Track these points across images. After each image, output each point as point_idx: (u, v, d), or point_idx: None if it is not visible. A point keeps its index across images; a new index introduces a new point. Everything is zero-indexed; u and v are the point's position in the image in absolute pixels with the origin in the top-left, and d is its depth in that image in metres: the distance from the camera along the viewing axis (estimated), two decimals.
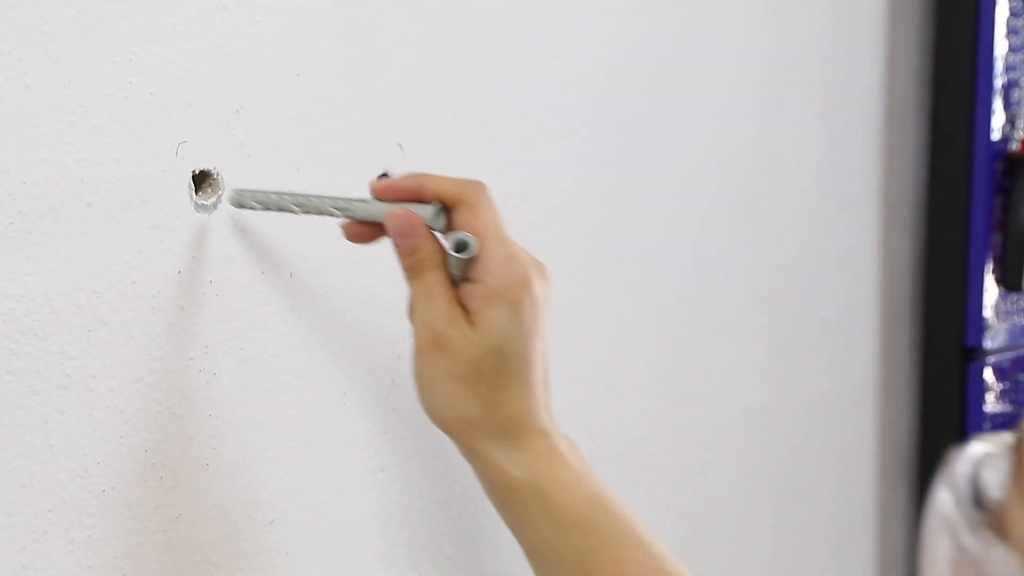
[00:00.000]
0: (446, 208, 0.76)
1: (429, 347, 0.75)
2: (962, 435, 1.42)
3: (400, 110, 0.90)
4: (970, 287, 1.40)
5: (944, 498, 0.44)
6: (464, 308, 0.75)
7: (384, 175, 0.89)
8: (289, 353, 0.84)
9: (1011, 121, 1.42)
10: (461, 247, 0.75)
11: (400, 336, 0.91)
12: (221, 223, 0.79)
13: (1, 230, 0.69)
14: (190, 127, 0.77)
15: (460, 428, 0.76)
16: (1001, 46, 1.40)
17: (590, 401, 1.09)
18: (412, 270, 0.76)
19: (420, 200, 0.76)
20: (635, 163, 1.13)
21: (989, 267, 1.42)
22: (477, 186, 0.76)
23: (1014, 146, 1.43)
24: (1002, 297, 1.42)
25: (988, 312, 1.41)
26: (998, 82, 1.39)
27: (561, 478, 0.76)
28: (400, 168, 0.90)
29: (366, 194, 0.78)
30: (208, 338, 0.79)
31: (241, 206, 0.79)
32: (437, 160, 0.92)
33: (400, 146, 0.90)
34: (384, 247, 0.87)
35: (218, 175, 0.78)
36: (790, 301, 1.35)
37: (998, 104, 1.40)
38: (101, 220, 0.73)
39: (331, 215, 0.78)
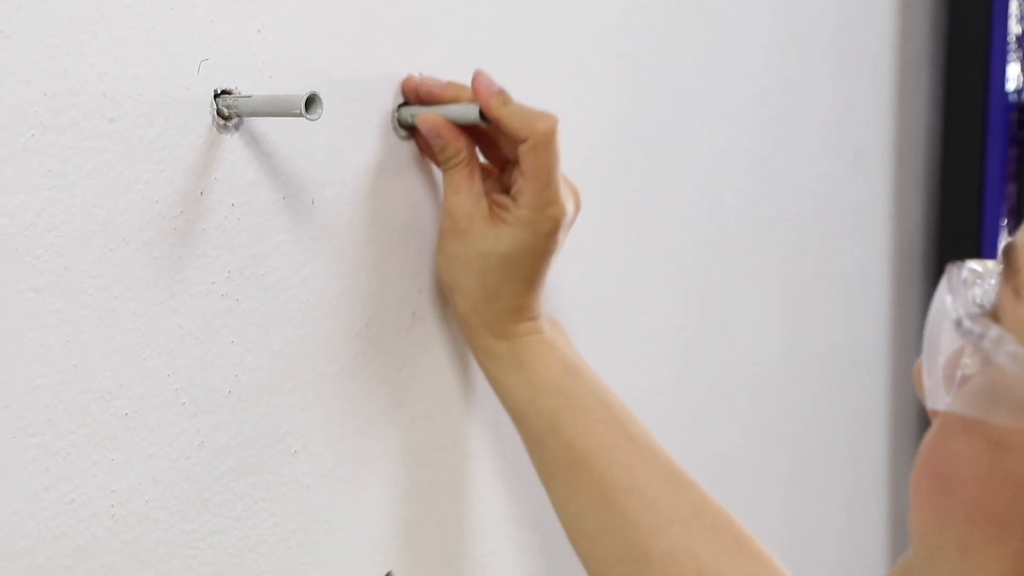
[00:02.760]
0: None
1: (448, 232, 0.85)
2: None
3: (421, 37, 0.89)
4: (984, 240, 1.39)
5: (946, 297, 0.49)
6: (494, 205, 0.85)
7: (404, 103, 0.87)
8: (309, 282, 0.82)
9: None
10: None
11: (420, 269, 0.90)
12: (242, 145, 0.78)
13: (23, 142, 0.67)
14: (212, 45, 0.75)
15: (462, 305, 0.87)
16: None
17: (607, 351, 1.08)
18: (442, 164, 0.86)
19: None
20: (650, 113, 1.12)
21: (1003, 219, 1.41)
22: (549, 129, 0.83)
23: None
24: None
25: None
26: (1013, 32, 1.38)
27: (536, 349, 0.86)
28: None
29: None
30: (230, 263, 0.77)
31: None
32: None
33: (420, 75, 0.88)
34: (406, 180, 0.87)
35: (240, 95, 0.77)
36: (804, 254, 1.33)
37: (1013, 54, 1.39)
38: (123, 136, 0.71)
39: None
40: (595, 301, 1.07)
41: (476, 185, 0.84)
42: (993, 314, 0.49)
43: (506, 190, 0.86)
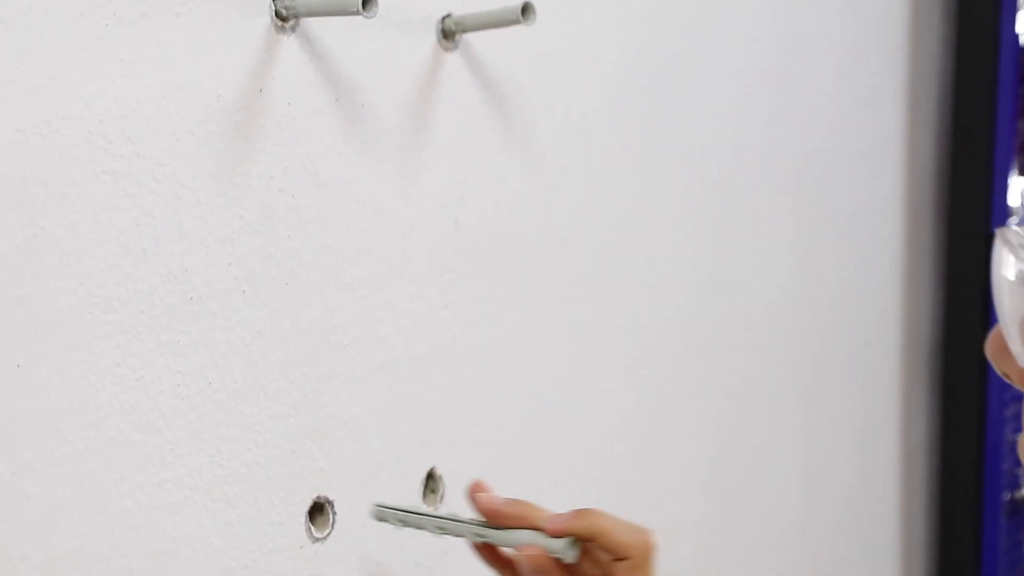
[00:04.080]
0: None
1: None
2: (985, 322, 1.44)
3: None
4: (995, 175, 1.42)
5: (1008, 258, 0.50)
6: None
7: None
8: (359, 183, 0.85)
9: None
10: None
11: (464, 178, 0.93)
12: (299, 46, 0.81)
13: (97, 31, 0.70)
14: None
15: None
16: None
17: (628, 280, 1.11)
18: None
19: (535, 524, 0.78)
20: (668, 51, 1.14)
21: (1014, 156, 1.44)
22: (647, 546, 0.77)
23: None
24: None
25: (1012, 200, 1.43)
26: None
27: None
28: (460, 8, 0.91)
29: None
30: (286, 159, 0.80)
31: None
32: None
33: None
34: (449, 89, 0.89)
35: None
36: (819, 191, 1.36)
37: None
38: (189, 33, 0.74)
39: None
40: (616, 230, 1.09)
41: None
42: None
43: None
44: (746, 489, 1.29)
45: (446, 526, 0.79)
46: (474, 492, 0.80)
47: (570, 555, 0.76)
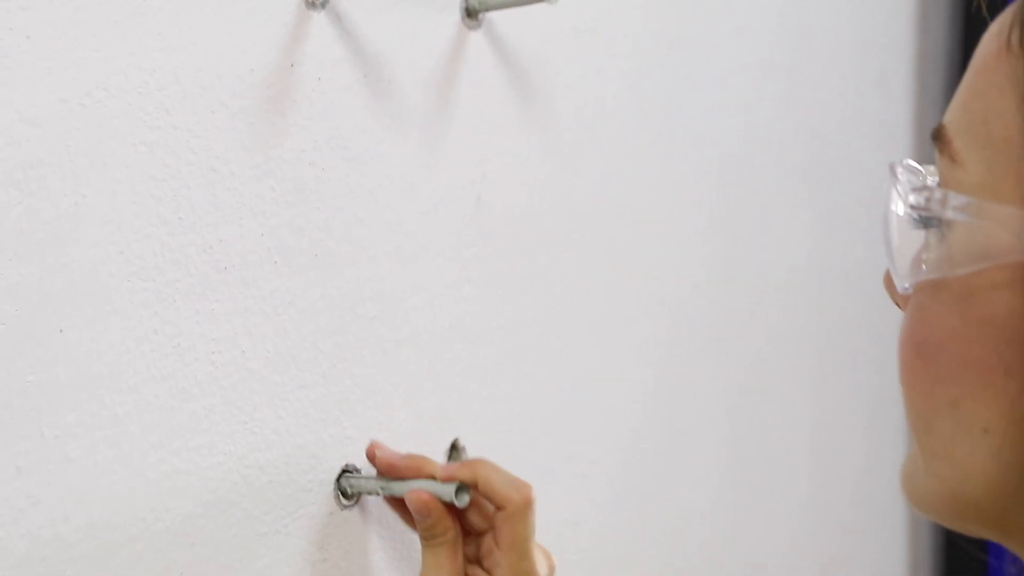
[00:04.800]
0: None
1: None
2: None
3: None
4: None
5: (892, 190, 0.52)
6: None
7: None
8: (386, 158, 0.87)
9: None
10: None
11: (486, 156, 0.94)
12: (329, 23, 0.82)
13: (135, 5, 0.71)
14: None
15: None
16: None
17: (645, 256, 1.13)
18: (425, 540, 0.82)
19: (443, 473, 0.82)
20: (683, 33, 1.16)
21: None
22: (525, 500, 0.80)
23: None
24: None
25: None
26: None
27: None
28: None
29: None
30: (317, 133, 0.82)
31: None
32: None
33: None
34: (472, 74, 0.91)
35: None
36: (830, 173, 1.38)
37: None
38: (223, 8, 0.76)
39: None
40: (634, 210, 1.11)
41: (459, 562, 0.82)
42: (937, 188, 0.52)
43: (474, 559, 0.84)
44: (758, 469, 1.31)
45: (356, 482, 0.85)
46: (372, 451, 0.85)
47: (460, 500, 0.80)
